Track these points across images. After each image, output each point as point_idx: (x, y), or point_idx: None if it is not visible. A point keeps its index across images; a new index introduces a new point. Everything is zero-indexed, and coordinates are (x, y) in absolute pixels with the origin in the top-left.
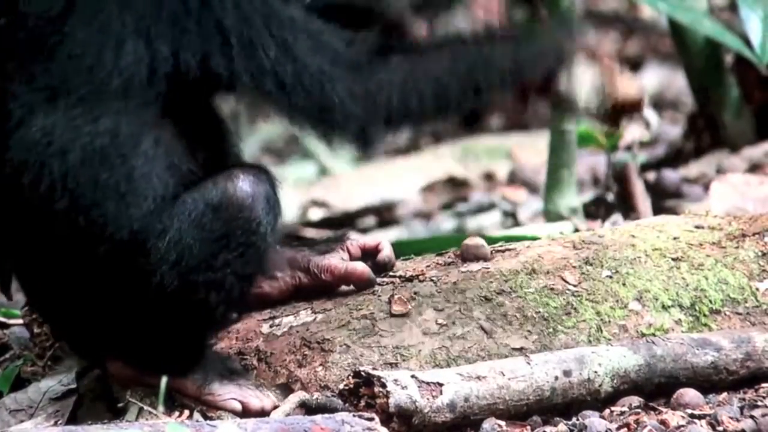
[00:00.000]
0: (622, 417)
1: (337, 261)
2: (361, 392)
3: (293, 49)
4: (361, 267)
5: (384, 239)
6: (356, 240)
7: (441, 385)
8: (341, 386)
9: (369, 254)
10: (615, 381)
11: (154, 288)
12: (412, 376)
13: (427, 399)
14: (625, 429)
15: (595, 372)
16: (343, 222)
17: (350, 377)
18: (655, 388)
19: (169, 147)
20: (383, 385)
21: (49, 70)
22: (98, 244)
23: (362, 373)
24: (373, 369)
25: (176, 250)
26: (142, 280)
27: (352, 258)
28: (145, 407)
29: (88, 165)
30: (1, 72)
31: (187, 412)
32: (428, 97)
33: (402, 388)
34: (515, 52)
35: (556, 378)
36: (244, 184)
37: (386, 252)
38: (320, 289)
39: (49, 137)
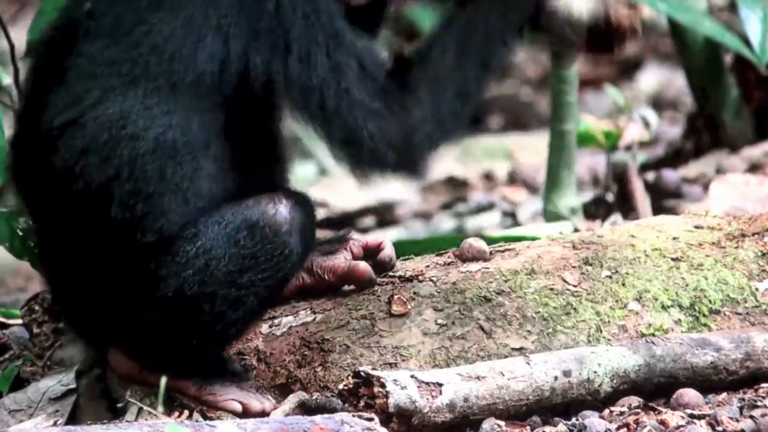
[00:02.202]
0: (621, 417)
1: (339, 261)
2: (361, 392)
3: (342, 74)
4: (363, 266)
5: (386, 239)
6: (358, 240)
7: (440, 385)
8: (341, 386)
9: (371, 253)
10: (615, 381)
11: (173, 289)
12: (412, 377)
13: (427, 399)
14: (625, 429)
15: (595, 372)
16: (343, 222)
17: (350, 377)
18: (655, 388)
19: (231, 154)
20: (383, 386)
21: (132, 57)
22: (147, 233)
23: (362, 374)
24: (373, 369)
25: (204, 257)
26: (164, 277)
27: (355, 257)
28: (145, 407)
29: (158, 155)
30: (84, 52)
31: (186, 412)
32: (458, 107)
33: (401, 389)
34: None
35: (556, 378)
36: (284, 210)
37: (387, 251)
38: (323, 289)
39: (125, 121)
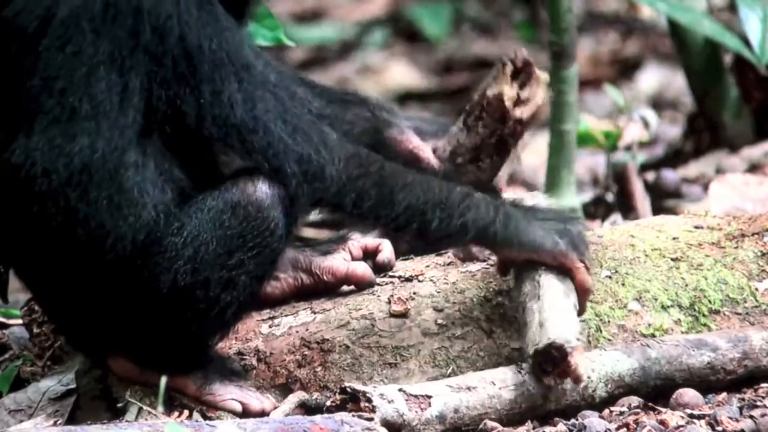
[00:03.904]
0: (621, 417)
1: (339, 262)
2: (349, 408)
3: (258, 110)
4: (362, 268)
5: (385, 240)
6: (358, 241)
7: (429, 397)
8: (328, 403)
9: (369, 254)
10: (609, 386)
11: (165, 285)
12: (400, 390)
13: (416, 412)
14: (625, 429)
15: (589, 377)
16: (342, 222)
17: (337, 395)
18: (651, 390)
19: (159, 156)
20: (369, 400)
21: (26, 90)
22: (100, 253)
23: (348, 390)
24: (360, 384)
25: (193, 245)
26: (151, 278)
27: (354, 258)
28: (145, 407)
29: (75, 182)
30: None
31: (186, 412)
32: (367, 201)
33: (388, 402)
34: (487, 214)
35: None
36: (264, 186)
37: (386, 253)
38: (322, 290)
39: (32, 159)
